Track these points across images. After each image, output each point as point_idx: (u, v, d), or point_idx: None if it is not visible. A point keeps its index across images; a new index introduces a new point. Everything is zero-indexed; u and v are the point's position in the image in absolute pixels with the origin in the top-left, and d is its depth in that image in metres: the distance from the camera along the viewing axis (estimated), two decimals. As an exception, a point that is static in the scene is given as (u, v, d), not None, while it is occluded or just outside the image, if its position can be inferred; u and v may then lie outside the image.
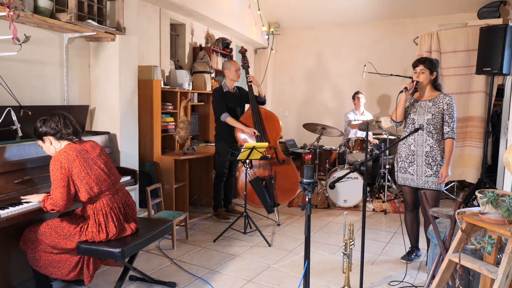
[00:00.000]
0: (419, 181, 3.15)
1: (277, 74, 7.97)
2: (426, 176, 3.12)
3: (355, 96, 5.99)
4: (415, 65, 3.15)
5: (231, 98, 4.35)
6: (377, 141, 5.67)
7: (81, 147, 2.45)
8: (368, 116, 5.99)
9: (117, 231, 2.46)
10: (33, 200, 2.41)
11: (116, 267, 2.80)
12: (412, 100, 3.23)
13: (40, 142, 2.47)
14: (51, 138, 2.42)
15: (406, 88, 3.08)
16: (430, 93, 3.18)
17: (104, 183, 2.45)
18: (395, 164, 3.32)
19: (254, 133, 4.18)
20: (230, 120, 4.23)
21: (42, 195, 2.40)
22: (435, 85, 3.18)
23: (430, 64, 3.10)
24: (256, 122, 4.27)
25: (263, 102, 4.45)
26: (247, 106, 4.51)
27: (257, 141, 4.18)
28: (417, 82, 3.11)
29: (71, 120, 2.47)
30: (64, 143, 2.44)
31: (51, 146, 2.44)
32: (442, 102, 3.09)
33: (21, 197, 2.41)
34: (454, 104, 3.10)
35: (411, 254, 3.39)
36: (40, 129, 2.42)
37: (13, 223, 2.26)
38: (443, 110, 3.09)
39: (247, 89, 4.41)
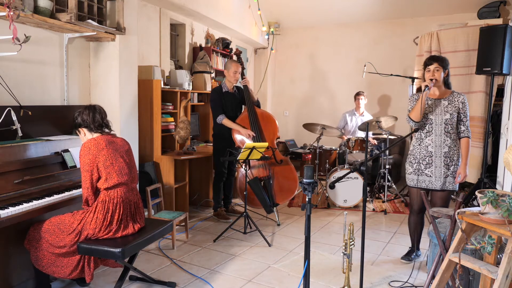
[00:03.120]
0: (437, 183, 3.09)
1: (277, 74, 7.97)
2: (445, 177, 3.08)
3: (356, 97, 6.01)
4: (429, 63, 3.07)
5: (230, 98, 4.35)
6: (375, 141, 5.67)
7: (112, 140, 2.60)
8: (368, 117, 6.00)
9: (118, 225, 2.49)
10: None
11: (116, 267, 2.80)
12: (427, 100, 3.15)
13: (77, 132, 2.66)
14: (84, 129, 2.59)
15: (427, 86, 2.99)
16: (444, 91, 3.14)
17: (125, 176, 2.55)
18: (409, 166, 3.21)
19: (249, 135, 4.18)
20: (226, 122, 4.23)
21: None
22: (447, 83, 3.15)
23: (443, 61, 3.06)
24: (253, 123, 4.27)
25: (258, 105, 4.46)
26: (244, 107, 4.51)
27: (255, 142, 4.18)
28: (435, 80, 3.04)
29: (101, 114, 2.62)
30: (96, 134, 2.58)
31: (85, 137, 2.60)
32: (457, 100, 3.07)
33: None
34: (467, 103, 3.08)
35: (411, 254, 3.39)
36: (76, 121, 2.61)
37: (13, 223, 2.26)
38: (459, 109, 3.06)
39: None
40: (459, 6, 6.13)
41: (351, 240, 2.74)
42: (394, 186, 5.41)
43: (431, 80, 3.03)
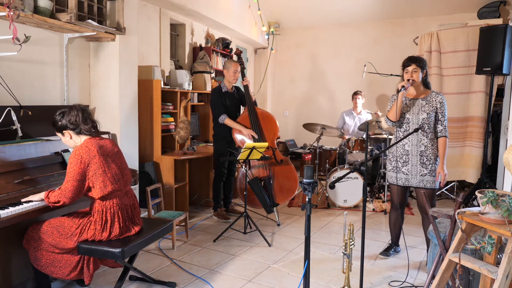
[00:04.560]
0: (414, 180, 3.17)
1: (277, 74, 7.97)
2: (421, 175, 3.14)
3: (353, 96, 6.03)
4: (407, 65, 3.16)
5: (229, 98, 4.35)
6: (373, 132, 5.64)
7: (101, 143, 2.45)
8: (366, 116, 6.01)
9: (120, 232, 2.46)
10: (34, 199, 2.39)
11: (116, 267, 2.80)
12: (405, 99, 3.24)
13: (59, 135, 2.47)
14: (71, 132, 2.42)
15: (403, 87, 3.08)
16: (422, 92, 3.21)
17: (119, 182, 2.46)
18: (388, 164, 3.33)
19: (251, 135, 4.18)
20: (229, 122, 4.23)
21: (42, 193, 2.40)
22: (426, 83, 3.21)
23: (421, 62, 3.14)
24: (253, 123, 4.27)
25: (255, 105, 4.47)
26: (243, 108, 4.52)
27: (255, 142, 4.18)
28: (413, 81, 3.12)
29: (89, 114, 2.47)
30: (84, 137, 2.44)
31: (71, 140, 2.44)
32: (435, 100, 3.12)
33: (22, 199, 2.39)
34: (445, 103, 3.15)
35: (390, 250, 3.47)
36: (60, 123, 2.41)
37: (13, 223, 2.25)
38: (436, 108, 3.12)
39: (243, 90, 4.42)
40: (459, 6, 6.13)
41: (351, 240, 2.74)
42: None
43: (408, 80, 3.11)
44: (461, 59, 5.03)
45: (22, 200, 2.39)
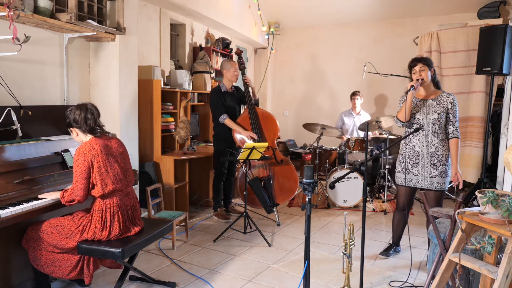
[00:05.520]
0: (424, 182, 3.12)
1: (277, 74, 7.97)
2: (431, 177, 3.10)
3: (352, 97, 6.04)
4: (413, 65, 3.12)
5: (229, 98, 4.36)
6: (375, 133, 5.64)
7: (107, 143, 2.49)
8: (365, 116, 6.02)
9: (120, 232, 2.47)
10: (48, 197, 2.45)
11: (115, 268, 2.80)
12: (415, 100, 3.21)
13: (69, 130, 2.53)
14: (77, 130, 2.47)
15: (413, 86, 3.04)
16: (433, 92, 3.17)
17: (120, 182, 2.48)
18: (397, 165, 3.28)
19: (252, 137, 4.19)
20: (229, 122, 4.23)
21: (57, 192, 2.47)
22: (435, 82, 3.18)
23: (426, 60, 3.11)
24: (253, 122, 4.27)
25: (256, 104, 4.47)
26: (243, 107, 4.51)
27: (256, 142, 4.18)
28: (422, 80, 3.08)
29: (93, 114, 2.48)
30: (90, 136, 2.47)
31: (78, 137, 2.50)
32: (446, 101, 3.09)
33: (39, 195, 2.47)
34: (457, 103, 3.11)
35: (390, 249, 3.46)
36: (67, 119, 2.47)
37: (13, 223, 2.25)
38: (448, 109, 3.08)
39: (243, 90, 4.42)
40: (459, 6, 6.13)
41: (351, 240, 2.74)
42: (394, 186, 5.40)
43: (418, 80, 3.08)
44: (461, 59, 5.03)
45: (39, 196, 2.48)
